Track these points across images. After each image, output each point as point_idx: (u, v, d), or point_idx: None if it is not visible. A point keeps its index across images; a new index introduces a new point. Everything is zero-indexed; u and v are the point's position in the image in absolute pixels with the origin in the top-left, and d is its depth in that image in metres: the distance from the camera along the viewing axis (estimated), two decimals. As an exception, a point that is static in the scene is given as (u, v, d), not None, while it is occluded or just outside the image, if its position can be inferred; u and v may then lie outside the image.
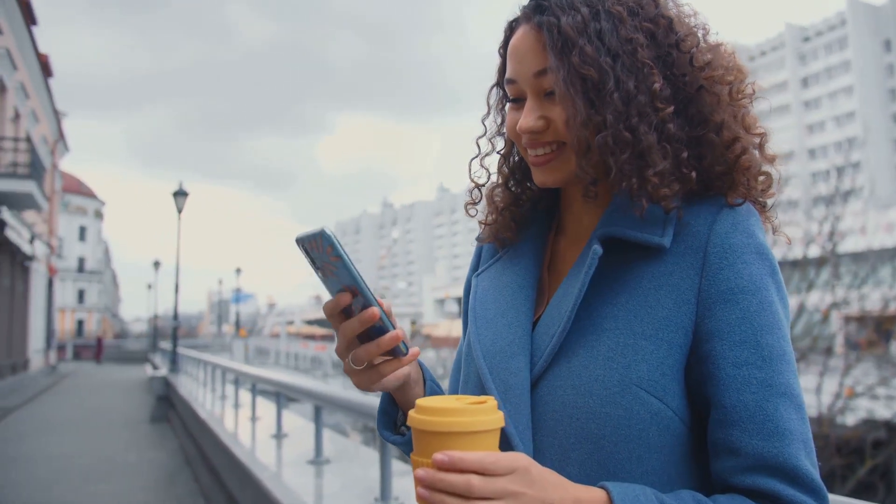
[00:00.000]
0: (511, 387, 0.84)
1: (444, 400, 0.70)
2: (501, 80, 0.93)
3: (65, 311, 56.45)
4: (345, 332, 0.79)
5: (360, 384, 0.83)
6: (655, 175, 0.80)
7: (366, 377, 0.82)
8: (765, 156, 0.89)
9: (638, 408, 0.77)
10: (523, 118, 0.86)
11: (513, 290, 0.92)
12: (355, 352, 0.79)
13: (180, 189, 16.66)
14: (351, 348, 0.80)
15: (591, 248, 0.83)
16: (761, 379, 0.76)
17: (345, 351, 0.81)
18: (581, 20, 0.81)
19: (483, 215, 1.02)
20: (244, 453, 5.34)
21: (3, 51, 16.80)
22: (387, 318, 0.78)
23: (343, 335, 0.79)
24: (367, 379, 0.82)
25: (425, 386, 0.92)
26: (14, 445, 10.21)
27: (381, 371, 0.82)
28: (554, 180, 0.88)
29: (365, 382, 0.83)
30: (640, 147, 0.80)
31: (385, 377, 0.82)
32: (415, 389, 0.90)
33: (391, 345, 0.78)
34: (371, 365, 0.82)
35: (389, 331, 0.78)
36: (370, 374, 0.82)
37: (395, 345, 0.78)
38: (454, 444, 0.65)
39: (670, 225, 0.82)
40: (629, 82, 0.80)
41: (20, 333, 21.48)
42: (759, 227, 0.83)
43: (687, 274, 0.80)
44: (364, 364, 0.81)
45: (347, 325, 0.78)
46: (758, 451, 0.74)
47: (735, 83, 0.87)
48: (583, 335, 0.81)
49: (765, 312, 0.78)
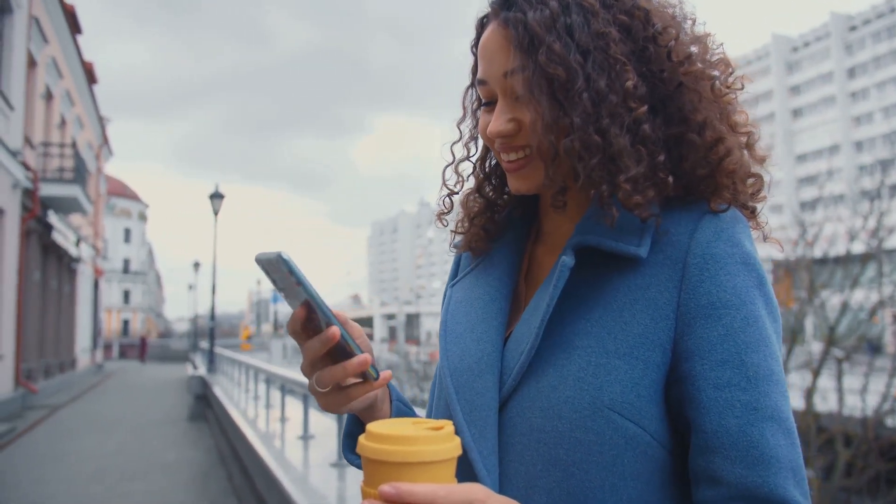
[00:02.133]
0: (477, 408, 0.78)
1: (398, 426, 0.65)
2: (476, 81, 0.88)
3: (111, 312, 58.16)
4: (307, 351, 0.74)
5: (325, 406, 0.79)
6: (627, 181, 0.74)
7: (333, 399, 0.78)
8: (754, 157, 0.82)
9: (610, 432, 0.71)
10: (493, 121, 0.80)
11: (484, 302, 0.86)
12: (320, 374, 0.75)
13: (216, 191, 16.96)
14: (316, 368, 0.76)
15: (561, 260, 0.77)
16: (745, 401, 0.69)
17: (309, 370, 0.77)
18: (549, 15, 0.75)
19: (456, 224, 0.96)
20: (270, 455, 5.39)
21: (50, 60, 17.35)
22: (350, 340, 0.73)
23: (306, 355, 0.75)
24: (333, 401, 0.78)
25: (392, 406, 0.87)
26: (59, 442, 10.53)
27: (350, 395, 0.77)
28: (528, 187, 0.82)
29: (331, 405, 0.78)
30: (610, 151, 0.74)
31: (353, 400, 0.77)
32: (381, 409, 0.85)
33: (359, 370, 0.74)
34: (339, 387, 0.77)
35: (355, 353, 0.73)
36: (338, 396, 0.77)
37: (363, 369, 0.74)
38: (405, 474, 0.60)
39: (648, 234, 0.76)
40: (600, 81, 0.73)
41: (67, 333, 22.17)
42: (745, 236, 0.76)
43: (665, 287, 0.74)
44: (328, 387, 0.76)
45: (310, 344, 0.74)
46: (741, 481, 0.68)
47: (719, 78, 0.79)
48: (553, 353, 0.75)
49: (750, 328, 0.71)
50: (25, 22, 14.60)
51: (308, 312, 0.73)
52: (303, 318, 0.73)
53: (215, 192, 16.96)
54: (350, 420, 0.89)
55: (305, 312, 0.73)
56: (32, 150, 15.55)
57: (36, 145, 15.95)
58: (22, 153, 14.09)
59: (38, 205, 15.12)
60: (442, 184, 0.95)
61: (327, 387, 0.76)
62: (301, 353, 0.77)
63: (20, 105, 14.21)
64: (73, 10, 19.18)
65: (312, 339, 0.73)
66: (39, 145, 16.33)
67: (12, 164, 13.40)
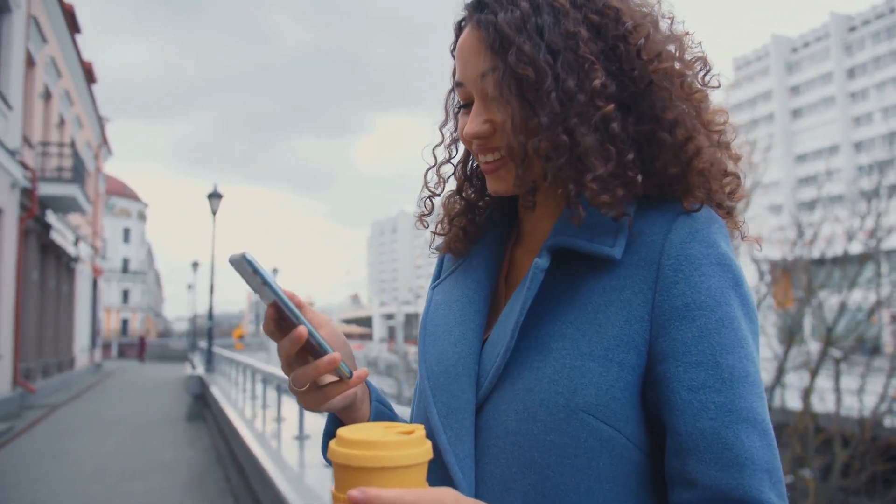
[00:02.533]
0: (454, 410, 0.78)
1: (369, 430, 0.65)
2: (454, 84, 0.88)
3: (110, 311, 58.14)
4: (280, 351, 0.75)
5: (305, 405, 0.80)
6: (594, 180, 0.73)
7: (310, 398, 0.78)
8: (730, 155, 0.82)
9: (585, 435, 0.70)
10: (469, 123, 0.81)
11: (462, 304, 0.86)
12: (294, 373, 0.75)
13: (215, 191, 16.95)
14: (292, 368, 0.76)
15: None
16: (720, 403, 0.69)
17: (286, 370, 0.77)
18: (520, 16, 0.75)
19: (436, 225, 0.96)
20: (265, 454, 5.39)
21: (49, 59, 17.34)
22: (321, 339, 0.74)
23: (280, 354, 0.76)
24: (311, 400, 0.78)
25: (371, 407, 0.87)
26: (57, 442, 10.53)
27: (327, 393, 0.78)
28: (505, 188, 0.82)
29: (310, 403, 0.79)
30: (577, 150, 0.74)
31: (330, 399, 0.78)
32: (361, 410, 0.85)
33: (328, 368, 0.74)
34: (317, 385, 0.78)
35: (326, 352, 0.74)
36: (315, 395, 0.78)
37: (334, 368, 0.74)
38: (374, 479, 0.60)
39: (623, 234, 0.76)
40: (569, 80, 0.73)
41: (66, 333, 22.16)
42: (721, 236, 0.76)
43: (640, 288, 0.73)
44: (305, 385, 0.76)
45: (281, 344, 0.74)
46: (716, 483, 0.67)
47: (691, 76, 0.79)
48: (529, 355, 0.75)
49: (725, 330, 0.71)
50: (24, 21, 14.59)
51: (279, 312, 0.73)
52: (273, 317, 0.74)
53: (213, 191, 16.95)
54: (329, 421, 0.89)
55: (275, 312, 0.73)
56: (31, 150, 15.54)
57: (34, 145, 15.95)
58: (20, 153, 14.08)
59: (36, 204, 15.11)
60: (423, 186, 0.95)
61: (303, 386, 0.76)
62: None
63: (19, 104, 14.20)
64: (72, 10, 19.17)
65: (284, 339, 0.74)
66: (38, 145, 16.32)
67: (10, 163, 13.40)
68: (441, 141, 0.94)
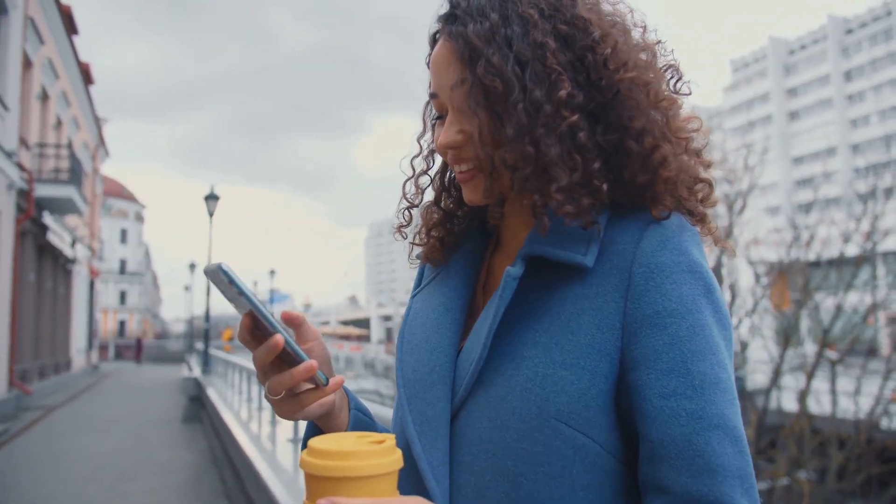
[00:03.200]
0: (429, 418, 0.78)
1: (340, 440, 0.65)
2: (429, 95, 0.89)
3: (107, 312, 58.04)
4: (255, 360, 0.75)
5: (281, 413, 0.79)
6: (558, 191, 0.74)
7: (286, 406, 0.78)
8: (701, 161, 0.82)
9: (558, 443, 0.71)
10: (442, 133, 0.81)
11: (439, 313, 0.87)
12: (269, 381, 0.75)
13: (212, 193, 16.94)
14: (267, 376, 0.76)
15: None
16: (691, 410, 0.69)
17: (262, 378, 0.77)
18: (489, 27, 0.75)
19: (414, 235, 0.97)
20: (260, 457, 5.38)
21: (46, 60, 17.33)
22: (297, 347, 0.74)
23: (255, 363, 0.76)
24: (287, 408, 0.78)
25: (350, 415, 0.87)
26: (54, 443, 10.51)
27: (303, 401, 0.77)
28: (479, 198, 0.83)
29: (286, 411, 0.78)
30: (542, 161, 0.74)
31: (306, 407, 0.78)
32: (339, 418, 0.85)
33: (305, 376, 0.74)
34: (293, 393, 0.78)
35: (303, 360, 0.74)
36: (291, 403, 0.78)
37: (310, 375, 0.74)
38: (344, 489, 0.61)
39: (595, 243, 0.76)
40: (536, 91, 0.74)
41: (63, 334, 22.12)
42: (693, 243, 0.76)
43: (611, 296, 0.74)
44: (280, 394, 0.76)
45: (256, 353, 0.74)
46: (687, 490, 0.67)
47: (657, 84, 0.79)
48: (501, 363, 0.75)
49: (696, 337, 0.71)
50: (21, 22, 14.57)
51: (254, 321, 0.73)
52: (248, 326, 0.74)
53: (210, 193, 16.95)
54: (309, 429, 0.89)
55: (250, 321, 0.73)
56: (28, 151, 15.53)
57: (31, 146, 15.92)
58: (17, 154, 14.07)
59: (33, 206, 15.08)
60: (402, 196, 0.96)
61: (279, 394, 0.76)
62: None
63: (15, 106, 14.19)
64: (70, 11, 19.17)
65: (259, 347, 0.74)
66: (35, 146, 16.30)
67: (7, 165, 13.38)
68: (419, 152, 0.95)
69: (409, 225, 0.97)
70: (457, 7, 0.80)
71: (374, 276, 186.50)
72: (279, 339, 0.72)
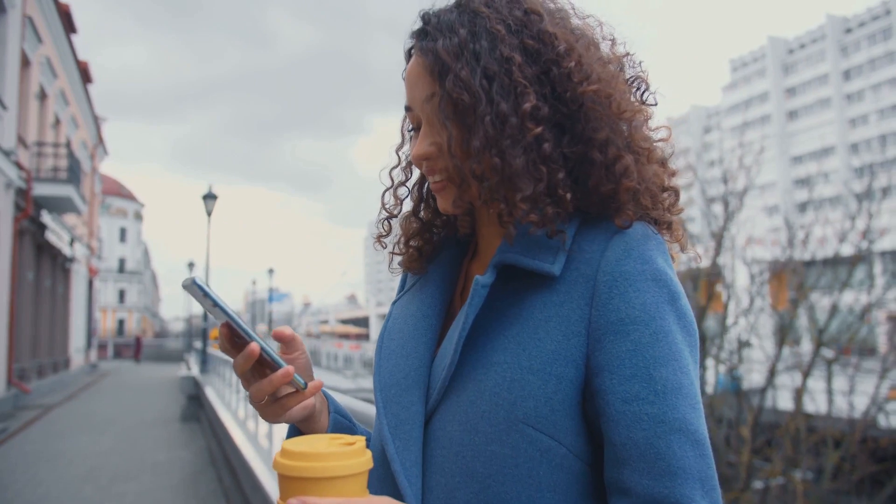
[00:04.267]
0: (403, 421, 0.81)
1: (312, 442, 0.68)
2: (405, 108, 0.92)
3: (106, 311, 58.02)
4: (235, 367, 0.79)
5: (265, 417, 0.84)
6: (523, 200, 0.77)
7: (270, 410, 0.82)
8: (667, 171, 0.85)
9: (525, 445, 0.74)
10: (416, 145, 0.85)
11: (416, 319, 0.90)
12: (251, 388, 0.80)
13: (210, 192, 16.94)
14: (250, 383, 0.80)
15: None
16: (653, 414, 0.72)
17: (245, 385, 0.81)
18: (458, 42, 0.79)
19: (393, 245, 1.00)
20: (256, 457, 5.41)
21: (44, 59, 17.32)
22: (274, 354, 0.78)
23: (235, 371, 0.79)
24: (270, 412, 0.83)
25: (329, 418, 0.91)
26: (53, 442, 10.52)
27: (284, 404, 0.82)
28: (450, 208, 0.86)
29: (269, 415, 0.83)
30: (508, 172, 0.77)
31: (288, 410, 0.82)
32: (320, 421, 0.89)
33: (283, 381, 0.78)
34: (275, 398, 0.82)
35: (280, 366, 0.78)
36: (273, 407, 0.82)
37: (287, 381, 0.78)
38: (314, 489, 0.63)
39: (562, 252, 0.79)
40: (502, 104, 0.77)
41: (61, 333, 22.13)
42: (658, 251, 0.78)
43: (577, 304, 0.76)
44: (263, 399, 0.81)
45: (235, 362, 0.78)
46: (648, 492, 0.70)
47: (619, 95, 0.81)
48: (473, 369, 0.78)
49: (659, 343, 0.74)
50: (19, 21, 14.57)
51: (231, 331, 0.76)
52: (227, 336, 0.78)
53: (208, 192, 16.95)
54: (290, 434, 0.92)
55: (228, 331, 0.77)
56: (26, 150, 15.53)
57: (30, 145, 15.93)
58: (16, 153, 14.07)
59: (31, 204, 15.09)
60: (381, 207, 0.99)
61: (261, 400, 0.81)
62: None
63: (14, 105, 14.19)
64: (68, 10, 19.15)
65: (238, 355, 0.78)
66: (33, 145, 16.30)
67: (6, 163, 13.39)
68: (398, 163, 0.98)
69: (388, 235, 0.99)
70: (428, 23, 0.83)
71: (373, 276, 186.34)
72: (254, 346, 0.76)
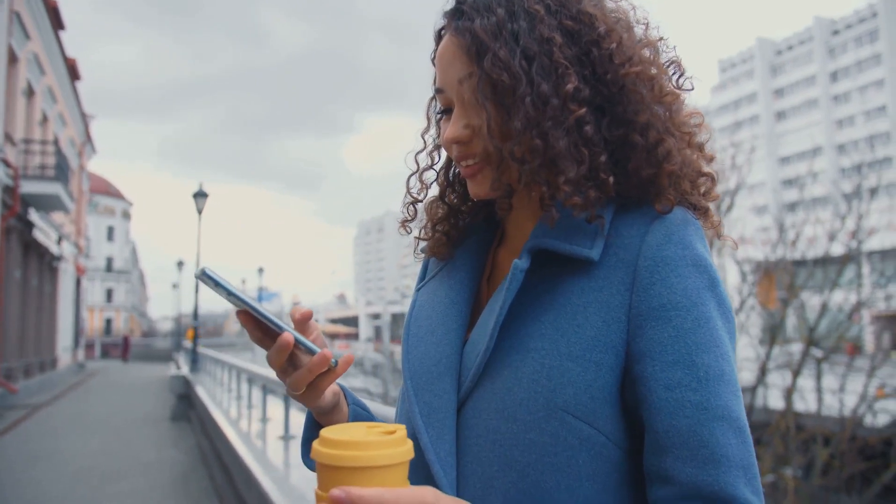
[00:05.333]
0: (435, 409, 0.79)
1: (351, 431, 0.66)
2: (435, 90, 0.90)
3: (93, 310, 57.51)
4: (270, 362, 0.77)
5: (303, 402, 0.82)
6: (566, 183, 0.75)
7: (307, 397, 0.81)
8: (703, 156, 0.84)
9: (565, 433, 0.72)
10: (449, 128, 0.82)
11: (445, 305, 0.88)
12: (290, 379, 0.77)
13: (200, 190, 16.84)
14: (286, 373, 0.78)
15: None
16: (696, 402, 0.70)
17: (281, 376, 0.79)
18: (496, 22, 0.77)
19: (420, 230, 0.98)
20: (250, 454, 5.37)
21: (32, 56, 17.14)
22: (305, 340, 0.75)
23: (271, 365, 0.77)
24: (308, 398, 0.81)
25: (349, 410, 0.89)
26: (40, 443, 10.41)
27: (318, 386, 0.80)
28: (484, 192, 0.84)
29: (307, 400, 0.82)
30: (550, 154, 0.75)
31: (322, 392, 0.80)
32: (339, 412, 0.88)
33: (321, 368, 0.76)
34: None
35: (314, 352, 0.75)
36: (309, 393, 0.80)
37: (327, 366, 0.76)
38: (356, 479, 0.61)
39: (601, 236, 0.77)
40: (543, 85, 0.75)
41: (48, 332, 21.92)
42: (697, 237, 0.77)
43: (617, 290, 0.75)
44: (302, 389, 0.79)
45: (269, 356, 0.76)
46: (691, 480, 0.69)
47: (662, 79, 0.80)
48: (508, 355, 0.77)
49: (701, 329, 0.72)
50: (6, 17, 14.41)
51: (252, 319, 0.74)
52: (250, 325, 0.75)
53: (199, 190, 16.85)
54: (307, 427, 0.91)
55: (246, 319, 0.74)
56: (13, 147, 15.35)
57: (17, 142, 15.75)
58: (2, 150, 13.91)
59: (18, 202, 14.92)
60: (406, 192, 0.97)
61: (301, 389, 0.79)
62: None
63: (1, 101, 14.03)
64: (56, 6, 18.96)
65: (270, 349, 0.75)
66: (20, 142, 16.13)
67: (-8, 160, 13.24)
68: (423, 147, 0.96)
69: (413, 220, 0.98)
70: (463, 3, 0.81)
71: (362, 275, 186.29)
72: (288, 337, 0.74)
